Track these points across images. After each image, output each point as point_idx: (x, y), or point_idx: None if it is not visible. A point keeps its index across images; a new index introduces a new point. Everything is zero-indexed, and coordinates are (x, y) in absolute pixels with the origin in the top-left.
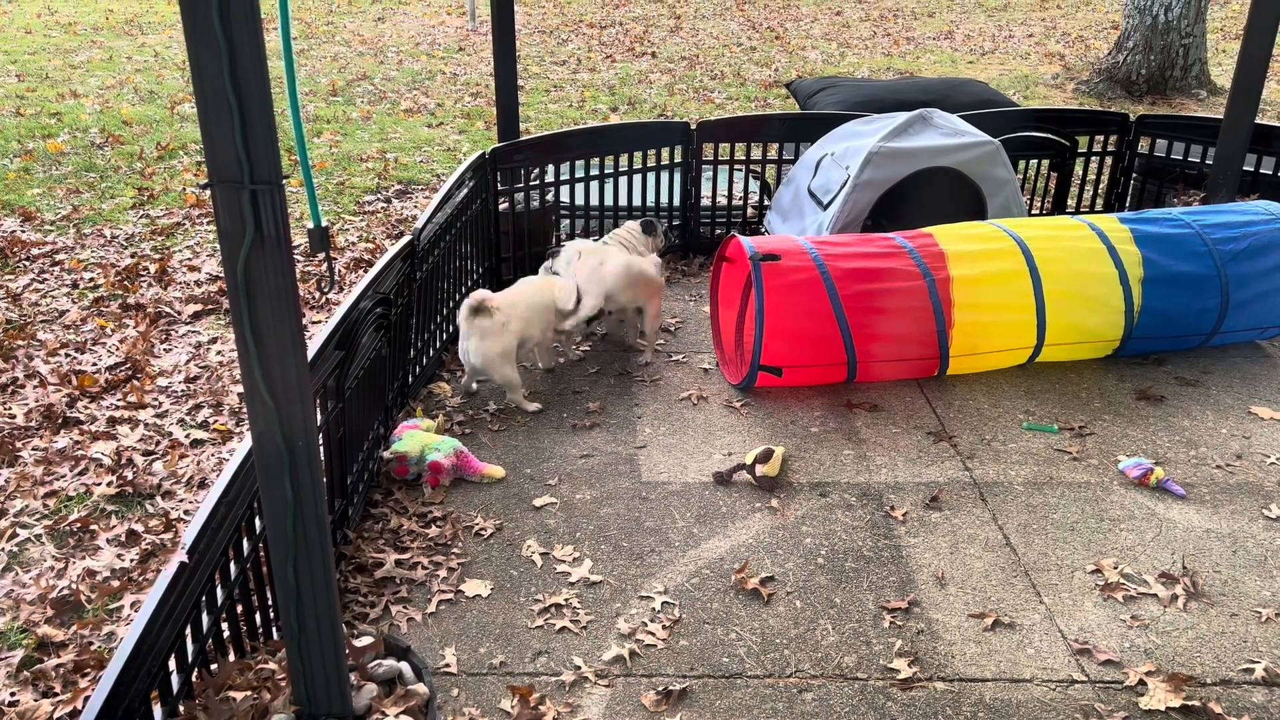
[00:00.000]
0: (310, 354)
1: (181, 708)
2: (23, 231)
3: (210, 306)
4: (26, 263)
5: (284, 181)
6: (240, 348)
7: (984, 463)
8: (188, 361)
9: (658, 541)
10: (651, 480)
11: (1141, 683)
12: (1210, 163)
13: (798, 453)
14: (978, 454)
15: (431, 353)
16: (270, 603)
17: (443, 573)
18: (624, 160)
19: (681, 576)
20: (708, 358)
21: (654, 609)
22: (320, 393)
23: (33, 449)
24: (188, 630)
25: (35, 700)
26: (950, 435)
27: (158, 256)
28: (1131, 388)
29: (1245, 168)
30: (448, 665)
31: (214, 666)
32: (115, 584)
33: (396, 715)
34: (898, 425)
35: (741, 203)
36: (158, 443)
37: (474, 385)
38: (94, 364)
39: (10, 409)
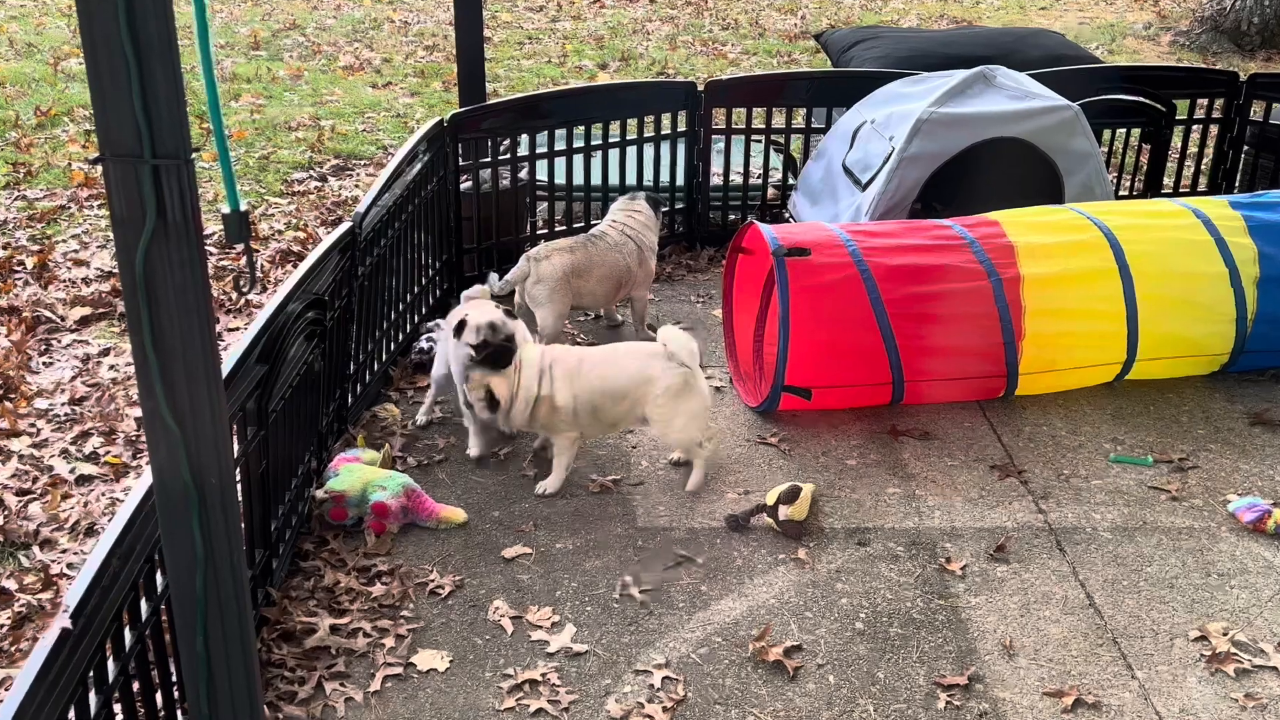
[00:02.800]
0: (226, 369)
1: None
2: None
3: (101, 310)
4: None
5: (194, 156)
6: (138, 361)
7: (1062, 504)
8: (73, 378)
9: (657, 602)
10: (649, 525)
11: None
12: None
13: (831, 491)
14: (1054, 493)
15: (376, 367)
16: (174, 679)
17: (389, 641)
18: (615, 129)
19: (687, 646)
20: (719, 373)
21: (652, 686)
22: (238, 417)
23: None
24: (71, 713)
25: None
26: (1020, 470)
27: (36, 248)
28: (1244, 411)
29: None
30: None
31: None
32: None
33: None
34: (954, 457)
35: (760, 182)
36: (35, 479)
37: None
38: None
39: None
